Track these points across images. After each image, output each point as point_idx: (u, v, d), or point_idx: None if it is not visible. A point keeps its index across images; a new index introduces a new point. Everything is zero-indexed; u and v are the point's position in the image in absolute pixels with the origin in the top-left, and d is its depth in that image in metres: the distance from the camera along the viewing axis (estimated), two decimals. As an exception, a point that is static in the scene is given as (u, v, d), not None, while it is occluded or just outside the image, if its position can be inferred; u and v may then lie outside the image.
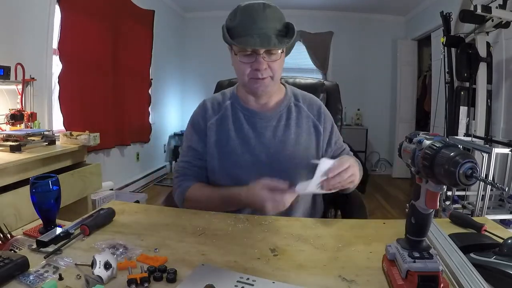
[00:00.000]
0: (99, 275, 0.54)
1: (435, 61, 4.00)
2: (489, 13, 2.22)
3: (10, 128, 1.97)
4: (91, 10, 2.83)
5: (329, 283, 0.57)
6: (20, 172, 1.59)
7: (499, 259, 0.58)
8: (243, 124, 1.05)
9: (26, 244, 0.70)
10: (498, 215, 2.12)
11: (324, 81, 1.38)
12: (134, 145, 3.77)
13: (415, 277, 0.50)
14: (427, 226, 0.54)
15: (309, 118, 1.09)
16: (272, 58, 0.95)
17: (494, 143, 2.21)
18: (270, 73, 0.97)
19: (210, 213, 0.89)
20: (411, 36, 4.70)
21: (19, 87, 2.09)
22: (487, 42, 2.57)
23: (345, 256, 0.66)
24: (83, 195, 2.03)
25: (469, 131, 2.66)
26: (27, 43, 2.26)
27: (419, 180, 0.53)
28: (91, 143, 2.03)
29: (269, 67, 0.96)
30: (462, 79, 2.68)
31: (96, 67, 2.96)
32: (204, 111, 1.09)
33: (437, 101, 3.36)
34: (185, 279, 0.55)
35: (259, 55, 0.93)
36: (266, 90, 1.00)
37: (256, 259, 0.64)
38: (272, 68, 0.97)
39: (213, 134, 1.06)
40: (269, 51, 0.94)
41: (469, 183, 0.43)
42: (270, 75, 0.98)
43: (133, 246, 0.67)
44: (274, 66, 0.97)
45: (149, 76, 3.92)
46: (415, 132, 0.54)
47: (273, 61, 0.96)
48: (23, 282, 0.54)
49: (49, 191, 0.75)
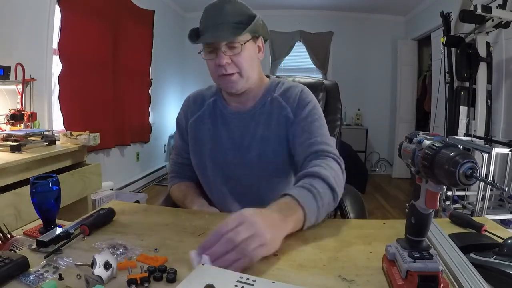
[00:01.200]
0: (99, 275, 0.54)
1: (435, 61, 4.00)
2: (489, 13, 2.22)
3: (10, 128, 1.97)
4: (91, 10, 2.84)
5: (329, 283, 0.57)
6: (20, 172, 1.59)
7: (499, 259, 0.58)
8: (219, 123, 1.04)
9: (26, 244, 0.70)
10: (498, 215, 2.12)
11: (323, 80, 1.38)
12: (134, 145, 3.77)
13: (415, 277, 0.50)
14: (427, 226, 0.54)
15: (282, 109, 0.99)
16: (234, 52, 0.91)
17: (494, 143, 2.21)
18: (236, 68, 0.93)
19: (210, 213, 0.88)
20: (411, 36, 4.70)
21: (19, 87, 2.09)
22: (487, 42, 2.57)
23: (345, 256, 0.66)
24: (83, 195, 2.03)
25: (469, 131, 2.66)
26: (27, 43, 2.26)
27: (419, 180, 0.53)
28: (91, 143, 2.04)
29: (233, 61, 0.92)
30: (462, 79, 2.69)
31: (96, 67, 2.96)
32: (187, 107, 1.11)
33: (437, 101, 3.36)
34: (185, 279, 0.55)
35: (219, 50, 0.91)
36: (236, 87, 0.95)
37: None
38: (237, 63, 0.92)
39: (192, 131, 1.07)
40: (230, 45, 0.91)
41: (469, 183, 0.43)
42: (236, 71, 0.93)
43: (133, 246, 0.67)
44: (238, 59, 0.92)
45: (149, 76, 3.92)
46: (415, 132, 0.54)
47: (236, 55, 0.91)
48: (23, 282, 0.54)
49: (49, 191, 0.75)
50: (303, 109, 0.97)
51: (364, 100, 4.99)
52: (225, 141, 1.02)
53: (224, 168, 1.02)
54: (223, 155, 1.02)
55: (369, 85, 5.01)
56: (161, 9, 4.15)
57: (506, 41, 2.62)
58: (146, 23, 3.81)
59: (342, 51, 4.92)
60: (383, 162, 5.11)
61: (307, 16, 4.85)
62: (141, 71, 3.79)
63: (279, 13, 4.83)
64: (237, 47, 0.91)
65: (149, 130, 4.03)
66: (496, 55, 2.69)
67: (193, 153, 1.07)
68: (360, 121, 4.96)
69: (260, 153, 0.98)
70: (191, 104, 1.10)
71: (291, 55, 4.92)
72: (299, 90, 1.01)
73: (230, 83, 0.95)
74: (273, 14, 4.81)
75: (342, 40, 4.92)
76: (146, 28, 3.81)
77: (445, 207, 2.42)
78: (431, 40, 4.12)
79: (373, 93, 5.02)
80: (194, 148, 1.07)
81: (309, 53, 4.89)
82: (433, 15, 3.50)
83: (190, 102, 1.11)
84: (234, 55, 0.91)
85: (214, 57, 0.93)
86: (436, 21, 3.28)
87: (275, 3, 4.61)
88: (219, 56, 0.91)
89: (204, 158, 1.04)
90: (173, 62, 4.67)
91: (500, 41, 2.68)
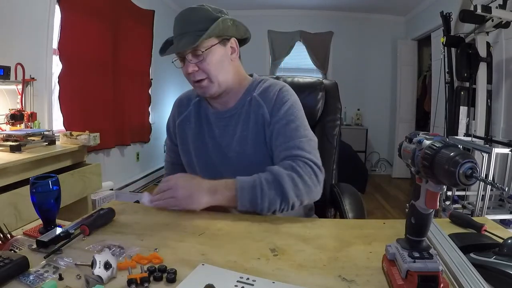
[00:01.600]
0: (99, 275, 0.54)
1: (435, 61, 4.00)
2: (489, 13, 2.22)
3: (10, 128, 1.97)
4: (91, 10, 2.83)
5: (329, 283, 0.57)
6: (20, 172, 1.59)
7: (499, 259, 0.58)
8: (203, 123, 1.06)
9: (26, 244, 0.70)
10: (498, 215, 2.12)
11: (323, 80, 1.38)
12: (134, 145, 3.77)
13: (415, 277, 0.50)
14: (427, 226, 0.54)
15: (260, 108, 0.98)
16: (199, 59, 0.92)
17: (494, 143, 2.21)
18: (204, 74, 0.94)
19: (210, 213, 0.89)
20: (411, 36, 4.70)
21: (19, 87, 2.09)
22: (487, 42, 2.57)
23: (345, 256, 0.66)
24: (83, 195, 2.03)
25: (469, 131, 2.66)
26: (27, 43, 2.26)
27: (419, 180, 0.53)
28: (91, 143, 2.04)
29: (200, 68, 0.93)
30: (462, 79, 2.69)
31: (96, 67, 2.96)
32: (175, 108, 1.14)
33: (437, 101, 3.36)
34: (185, 279, 0.55)
35: (185, 59, 0.93)
36: (209, 92, 0.97)
37: (256, 259, 0.64)
38: (204, 69, 0.93)
39: (180, 131, 1.09)
40: (194, 53, 0.92)
41: (469, 183, 0.43)
42: (204, 76, 0.94)
43: (133, 246, 0.67)
44: (204, 66, 0.93)
45: (149, 76, 3.92)
46: (415, 132, 0.54)
47: (200, 61, 0.92)
48: (23, 282, 0.54)
49: (49, 191, 0.75)
50: (279, 110, 0.96)
51: (364, 100, 4.99)
52: (208, 140, 1.04)
53: (209, 167, 1.03)
54: (206, 154, 1.03)
55: (369, 85, 5.01)
56: (161, 9, 4.15)
57: (506, 41, 2.62)
58: (146, 23, 3.81)
59: (342, 51, 4.93)
60: (383, 162, 5.11)
61: (307, 16, 4.86)
62: (141, 71, 3.79)
63: (279, 13, 4.83)
64: (200, 54, 0.92)
65: (149, 130, 4.03)
66: (496, 55, 2.69)
67: (182, 152, 1.09)
68: (360, 121, 4.96)
69: (240, 152, 0.99)
70: (179, 105, 1.13)
71: (291, 55, 4.92)
72: (278, 89, 1.00)
73: (202, 88, 0.97)
74: (273, 14, 4.81)
75: (342, 40, 4.92)
76: (146, 28, 3.81)
77: (445, 207, 2.42)
78: (431, 40, 4.12)
79: (373, 93, 5.02)
80: (182, 147, 1.09)
81: (309, 53, 4.89)
82: (433, 15, 3.50)
83: (178, 103, 1.14)
84: (199, 62, 0.93)
85: (182, 65, 0.96)
86: (436, 21, 3.28)
87: (275, 3, 4.61)
88: (186, 64, 0.94)
89: (191, 157, 1.06)
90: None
91: (500, 41, 2.68)
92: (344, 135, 1.16)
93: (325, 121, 1.32)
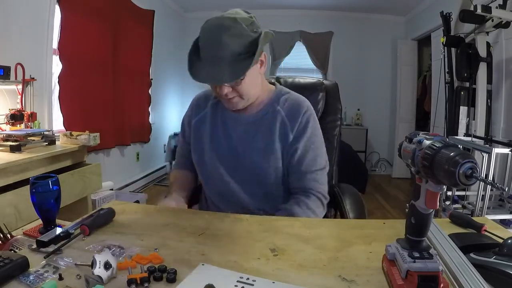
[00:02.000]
0: (99, 275, 0.54)
1: (435, 61, 4.00)
2: (489, 13, 2.22)
3: (10, 128, 1.97)
4: (91, 10, 2.83)
5: (329, 283, 0.57)
6: (20, 172, 1.59)
7: (499, 259, 0.58)
8: (219, 124, 1.06)
9: (26, 244, 0.70)
10: (498, 215, 2.12)
11: (323, 80, 1.38)
12: (134, 145, 3.77)
13: (415, 277, 0.50)
14: (427, 226, 0.54)
15: (285, 127, 1.00)
16: (236, 83, 0.91)
17: (494, 143, 2.21)
18: (237, 93, 0.94)
19: (210, 213, 0.89)
20: (411, 36, 4.70)
21: (19, 87, 2.09)
22: (487, 42, 2.57)
23: (345, 256, 0.66)
24: (83, 195, 2.03)
25: (469, 131, 2.66)
26: (27, 43, 2.26)
27: (419, 180, 0.53)
28: (91, 143, 2.03)
29: (234, 89, 0.93)
30: (462, 79, 2.68)
31: (96, 67, 2.96)
32: (193, 108, 1.13)
33: (437, 101, 3.36)
34: (185, 279, 0.55)
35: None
36: (237, 107, 0.98)
37: (256, 259, 0.64)
38: (238, 90, 0.93)
39: (195, 130, 1.09)
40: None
41: (469, 183, 0.43)
42: (237, 95, 0.94)
43: (133, 246, 0.67)
44: (240, 88, 0.92)
45: (149, 76, 3.92)
46: (415, 132, 0.54)
47: (237, 83, 0.91)
48: (23, 282, 0.54)
49: (49, 191, 0.75)
50: (302, 135, 1.00)
51: (364, 100, 4.98)
52: (223, 142, 1.04)
53: (220, 168, 1.03)
54: (219, 156, 1.04)
55: (369, 85, 5.01)
56: (161, 9, 4.14)
57: (506, 41, 2.62)
58: (146, 23, 3.81)
59: (342, 51, 4.92)
60: (383, 162, 5.11)
61: (307, 16, 4.85)
62: (141, 71, 3.79)
63: (279, 13, 4.82)
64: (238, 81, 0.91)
65: (149, 130, 4.03)
66: (496, 55, 2.69)
67: (194, 150, 1.10)
68: (360, 121, 4.96)
69: (255, 161, 0.99)
70: (196, 105, 1.13)
71: (291, 55, 4.92)
72: (303, 111, 1.01)
73: (231, 104, 0.98)
74: (273, 14, 4.81)
75: (342, 40, 4.92)
76: (146, 28, 3.81)
77: (445, 207, 2.42)
78: (431, 40, 4.12)
79: (373, 93, 5.02)
80: (195, 146, 1.09)
81: (309, 53, 4.89)
82: (433, 15, 3.50)
83: (196, 103, 1.14)
84: (235, 84, 0.92)
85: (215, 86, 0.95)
86: (436, 21, 3.28)
87: (275, 3, 4.61)
88: (220, 87, 0.92)
89: (203, 157, 1.06)
90: (173, 62, 4.66)
91: (500, 41, 2.68)
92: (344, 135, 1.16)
93: (326, 121, 1.32)
